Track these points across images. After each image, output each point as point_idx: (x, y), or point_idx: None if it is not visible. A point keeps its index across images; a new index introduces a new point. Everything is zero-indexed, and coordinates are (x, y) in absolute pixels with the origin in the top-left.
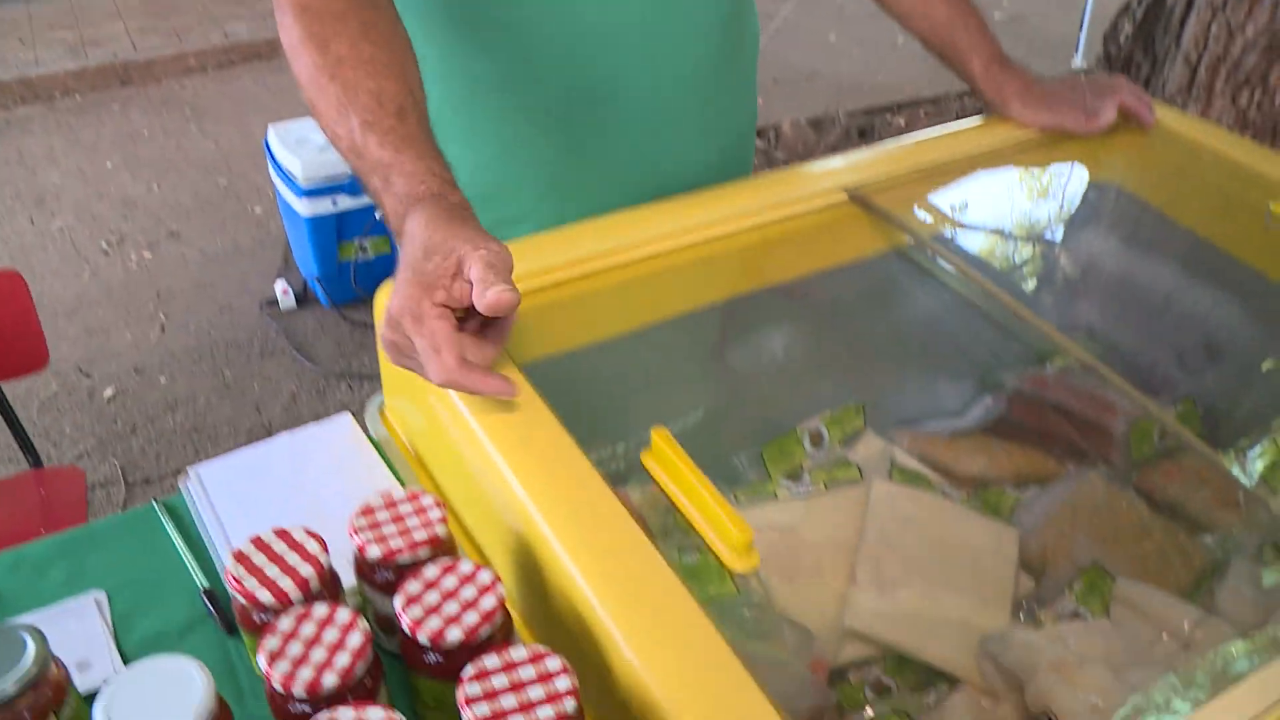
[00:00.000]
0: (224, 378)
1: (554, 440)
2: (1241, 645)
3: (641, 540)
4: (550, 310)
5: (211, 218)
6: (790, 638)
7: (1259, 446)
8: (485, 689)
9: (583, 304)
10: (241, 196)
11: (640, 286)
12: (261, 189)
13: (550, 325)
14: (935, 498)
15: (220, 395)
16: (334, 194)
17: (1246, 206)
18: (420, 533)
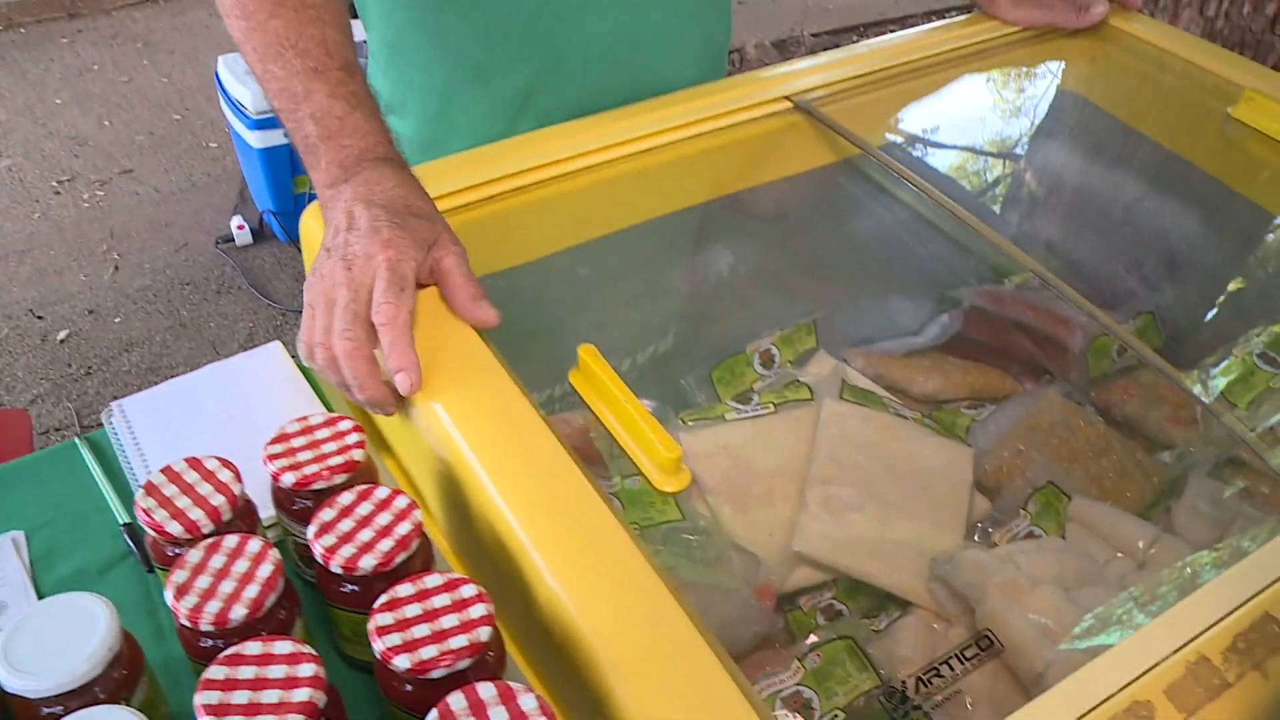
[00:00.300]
0: (180, 317)
1: (479, 363)
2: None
3: (568, 466)
4: (482, 228)
5: (165, 154)
6: (737, 564)
7: (1220, 362)
8: (397, 618)
9: (518, 220)
10: (196, 132)
11: (576, 202)
12: (216, 123)
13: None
14: (887, 417)
15: (176, 335)
16: None
17: (1208, 114)
18: (336, 458)
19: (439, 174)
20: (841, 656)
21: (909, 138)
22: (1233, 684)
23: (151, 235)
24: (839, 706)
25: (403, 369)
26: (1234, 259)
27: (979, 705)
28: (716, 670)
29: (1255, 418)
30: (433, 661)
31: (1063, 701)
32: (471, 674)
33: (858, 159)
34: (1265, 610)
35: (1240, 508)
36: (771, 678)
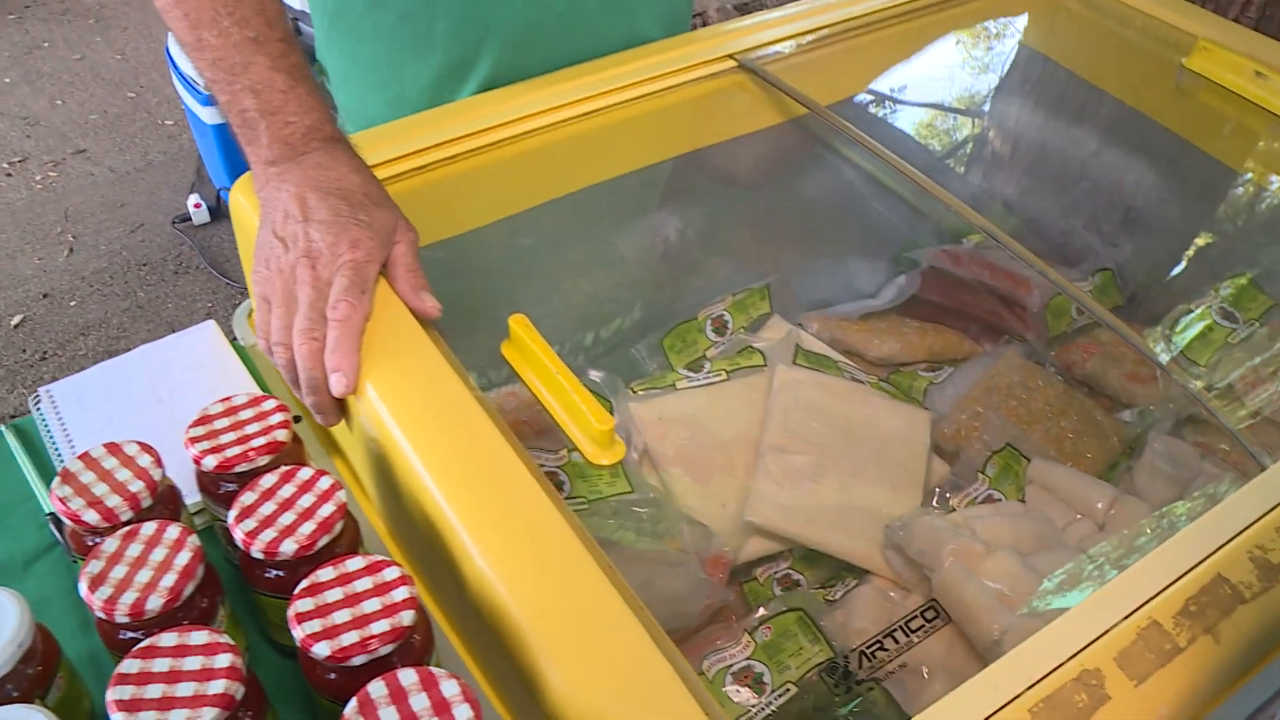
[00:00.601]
0: (137, 299)
1: (409, 340)
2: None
3: (499, 443)
4: (421, 196)
5: (120, 133)
6: (688, 536)
7: (1181, 319)
8: (318, 604)
9: (457, 188)
10: (151, 109)
11: (516, 168)
12: (172, 101)
13: (424, 212)
14: (842, 382)
15: (134, 317)
16: None
17: (1162, 66)
18: (260, 439)
19: (376, 141)
20: (793, 629)
21: (860, 96)
22: (1184, 649)
23: (107, 216)
24: (791, 680)
25: (339, 369)
26: (1193, 214)
27: (934, 674)
28: (648, 648)
29: (1215, 374)
30: (354, 648)
31: (1010, 672)
32: (397, 658)
33: (807, 119)
34: (1217, 571)
35: (1201, 466)
36: (722, 652)
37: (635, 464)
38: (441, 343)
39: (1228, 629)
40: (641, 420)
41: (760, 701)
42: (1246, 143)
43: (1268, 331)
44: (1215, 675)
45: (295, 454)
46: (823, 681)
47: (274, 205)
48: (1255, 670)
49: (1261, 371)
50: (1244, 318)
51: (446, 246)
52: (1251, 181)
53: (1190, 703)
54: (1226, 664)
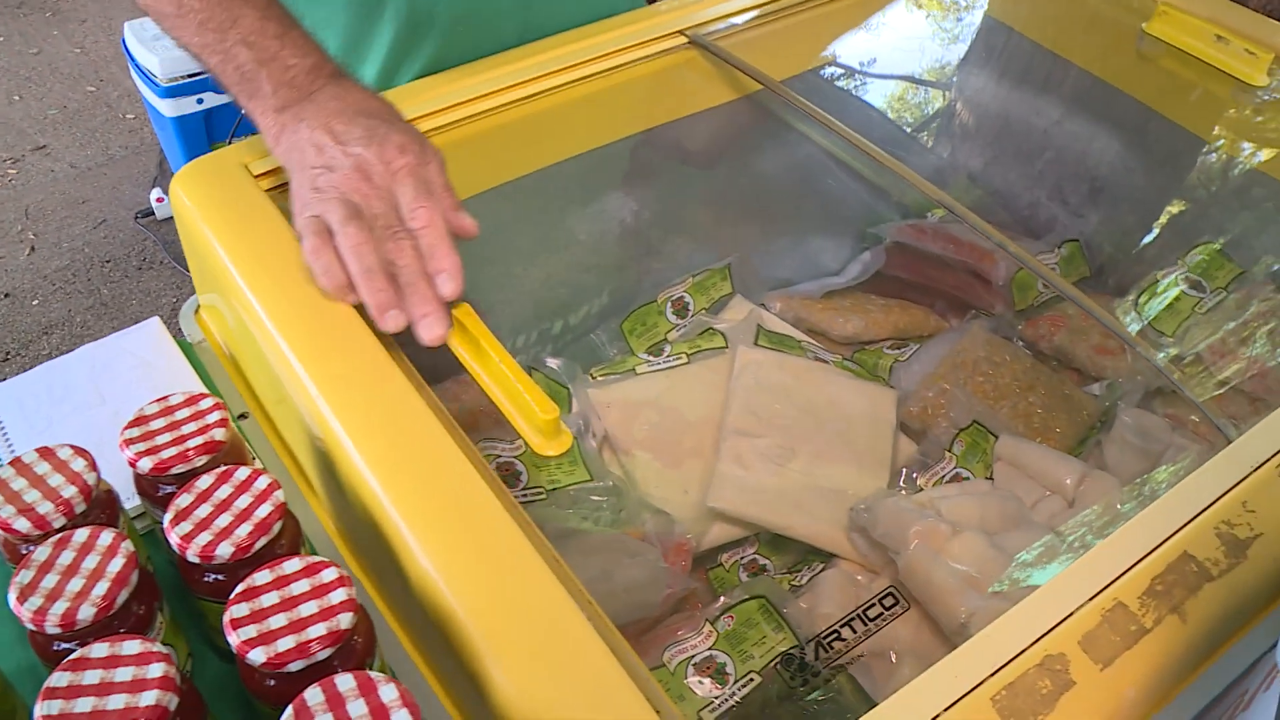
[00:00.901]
0: (101, 296)
1: (353, 331)
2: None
3: (441, 437)
4: None
5: (80, 128)
6: (650, 523)
7: (1148, 289)
8: (253, 608)
9: None
10: (112, 103)
11: (467, 151)
12: (133, 94)
13: None
14: (805, 362)
15: (97, 315)
16: (199, 91)
17: (1123, 31)
18: (196, 439)
19: None
20: (755, 617)
21: (817, 70)
22: (1150, 629)
23: (68, 213)
24: (755, 669)
25: (445, 270)
26: (1159, 182)
27: (902, 659)
28: (596, 646)
29: (1183, 344)
30: (290, 653)
31: (971, 659)
32: (338, 661)
33: (762, 95)
34: (1184, 549)
35: (1171, 438)
36: (683, 643)
37: (594, 451)
38: (387, 335)
39: (1195, 608)
40: (601, 406)
41: (723, 692)
42: (1210, 108)
43: (1235, 300)
44: (1183, 656)
45: (235, 453)
46: (780, 674)
47: (299, 147)
48: (1223, 649)
49: (1229, 341)
50: (1212, 286)
51: None
52: (1216, 148)
53: (1158, 685)
54: (1194, 644)
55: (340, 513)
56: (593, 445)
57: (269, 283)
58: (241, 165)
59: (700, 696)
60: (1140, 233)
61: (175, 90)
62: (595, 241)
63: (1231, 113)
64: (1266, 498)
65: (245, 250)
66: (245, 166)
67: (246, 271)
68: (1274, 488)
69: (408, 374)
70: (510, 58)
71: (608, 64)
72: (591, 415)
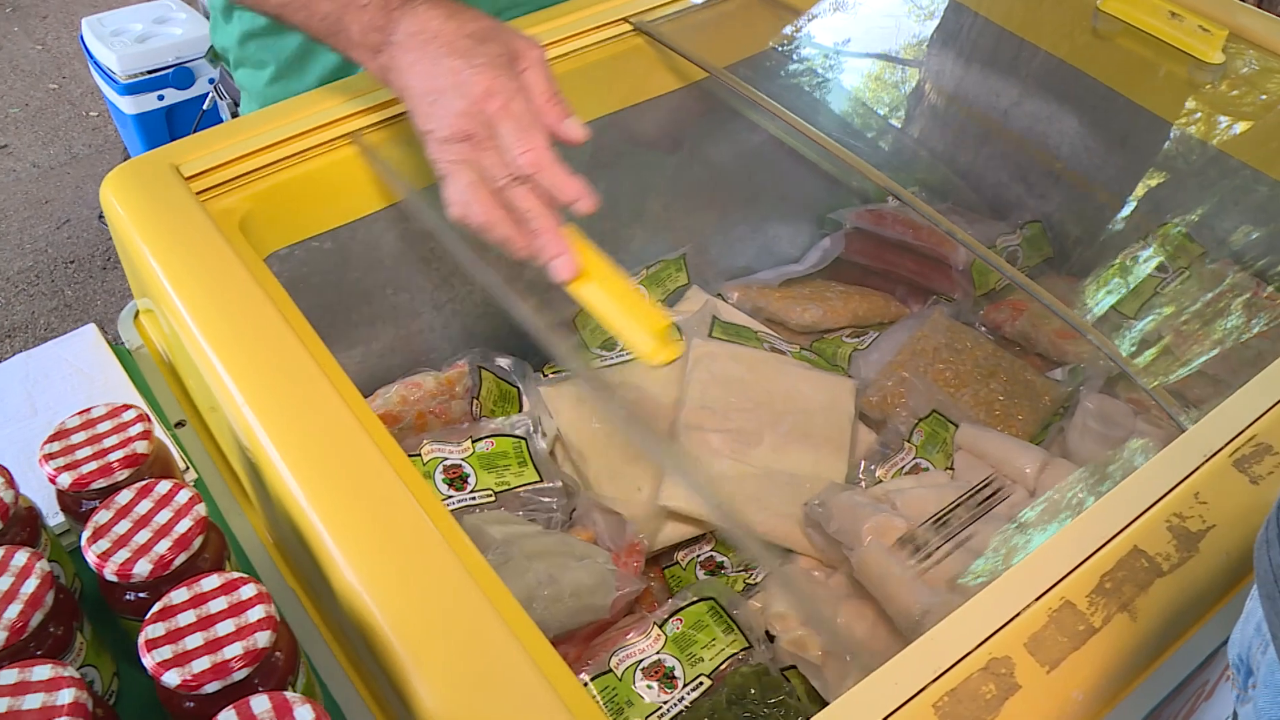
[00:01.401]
0: (65, 297)
1: (280, 341)
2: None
3: (370, 451)
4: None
5: (43, 127)
6: (601, 524)
7: (1110, 271)
8: (169, 628)
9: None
10: (75, 101)
11: (407, 145)
12: (96, 92)
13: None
14: (761, 353)
15: (61, 316)
16: (159, 88)
17: (1079, 8)
18: (117, 453)
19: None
20: (705, 619)
21: (768, 54)
22: (1099, 629)
23: (31, 213)
24: (705, 673)
25: (575, 197)
26: (1120, 162)
27: (858, 658)
28: (520, 659)
29: (1145, 326)
30: (206, 675)
31: (913, 665)
32: (258, 679)
33: (708, 83)
34: (1134, 544)
35: (1134, 424)
36: (630, 648)
37: (544, 452)
38: (319, 344)
39: (1145, 605)
40: (553, 404)
41: (671, 697)
42: (1166, 86)
43: (1197, 281)
44: (1132, 655)
45: (161, 465)
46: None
47: (405, 96)
48: (1175, 646)
49: (1191, 322)
50: (1174, 267)
51: (335, 236)
52: (1174, 127)
53: (1106, 686)
54: (1144, 642)
55: (272, 524)
56: (543, 445)
57: (198, 290)
58: (173, 167)
59: (648, 702)
60: (1102, 212)
61: (135, 87)
62: None
63: (1188, 91)
64: (1219, 488)
65: (174, 257)
66: (176, 169)
67: (175, 278)
68: (1227, 478)
69: (338, 385)
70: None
71: (550, 53)
72: (543, 413)
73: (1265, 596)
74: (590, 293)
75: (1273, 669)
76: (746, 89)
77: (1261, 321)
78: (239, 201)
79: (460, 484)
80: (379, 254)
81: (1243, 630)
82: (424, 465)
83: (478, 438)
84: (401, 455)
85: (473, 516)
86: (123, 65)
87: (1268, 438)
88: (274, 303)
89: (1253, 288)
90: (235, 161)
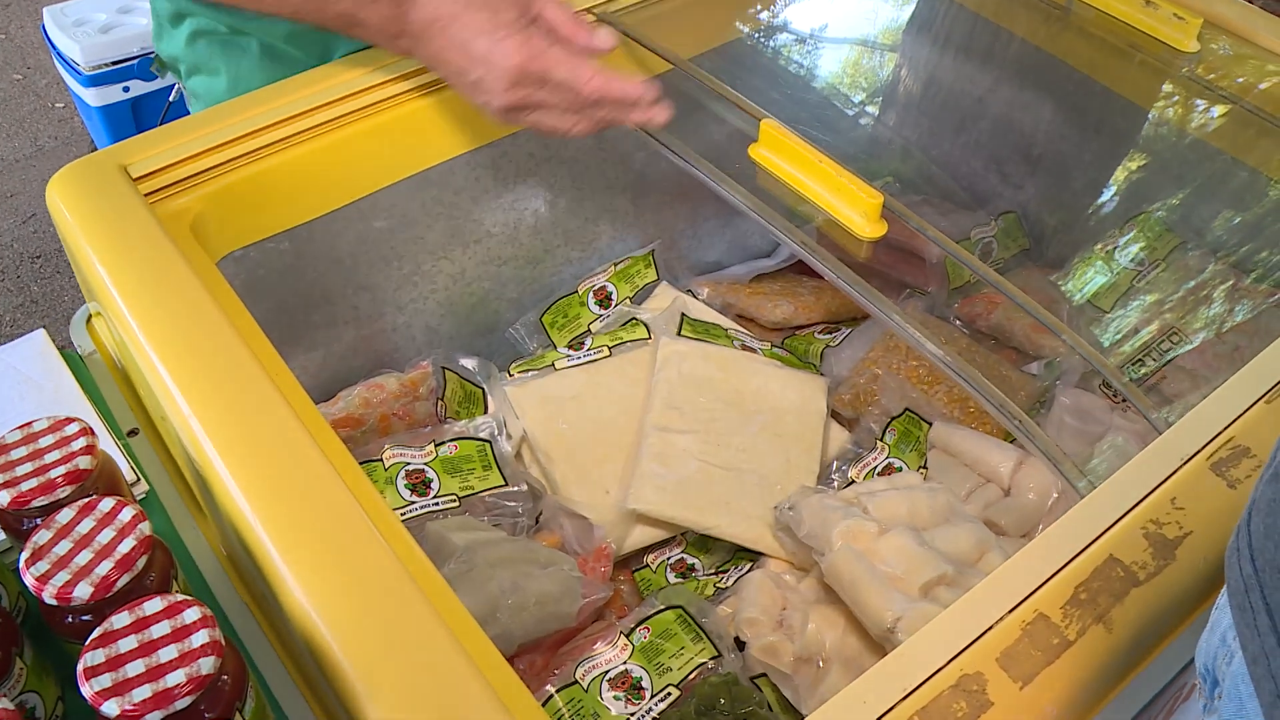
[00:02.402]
0: (31, 293)
1: (228, 351)
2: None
3: (320, 464)
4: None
5: (7, 119)
6: (568, 529)
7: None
8: (109, 655)
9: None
10: (40, 92)
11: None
12: (62, 83)
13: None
14: (731, 352)
15: (28, 313)
16: (124, 79)
17: None
18: (59, 469)
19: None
20: (673, 628)
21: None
22: (1074, 642)
23: None
24: (673, 682)
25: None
26: (1095, 151)
27: (830, 664)
28: (474, 682)
29: (1121, 320)
30: (146, 704)
31: (881, 683)
32: (204, 705)
33: (673, 75)
34: (1109, 553)
35: (1111, 419)
36: (597, 657)
37: (509, 454)
38: (270, 350)
39: (1121, 615)
40: (519, 405)
41: (639, 708)
42: (1142, 75)
43: (1175, 272)
44: (1107, 667)
45: (106, 480)
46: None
47: (443, 59)
48: (1151, 656)
49: (1168, 316)
50: (1150, 258)
51: (292, 236)
52: (1150, 116)
53: (1081, 700)
54: (1120, 654)
55: (225, 540)
56: (508, 448)
57: (144, 297)
58: (121, 168)
59: (615, 714)
60: (1079, 202)
61: (99, 79)
62: (509, 232)
63: (1163, 79)
64: (1196, 493)
65: (120, 262)
66: (125, 169)
67: (121, 285)
68: (1204, 482)
69: (288, 395)
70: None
71: None
72: (508, 414)
73: (1236, 607)
74: (800, 181)
75: (1237, 681)
76: (712, 81)
77: (1241, 312)
78: (190, 202)
79: (423, 489)
80: (338, 253)
81: (1208, 640)
82: (386, 470)
83: (440, 441)
84: (355, 467)
85: (436, 523)
86: (86, 56)
87: (1245, 440)
88: (223, 309)
89: (1232, 278)
90: (186, 161)
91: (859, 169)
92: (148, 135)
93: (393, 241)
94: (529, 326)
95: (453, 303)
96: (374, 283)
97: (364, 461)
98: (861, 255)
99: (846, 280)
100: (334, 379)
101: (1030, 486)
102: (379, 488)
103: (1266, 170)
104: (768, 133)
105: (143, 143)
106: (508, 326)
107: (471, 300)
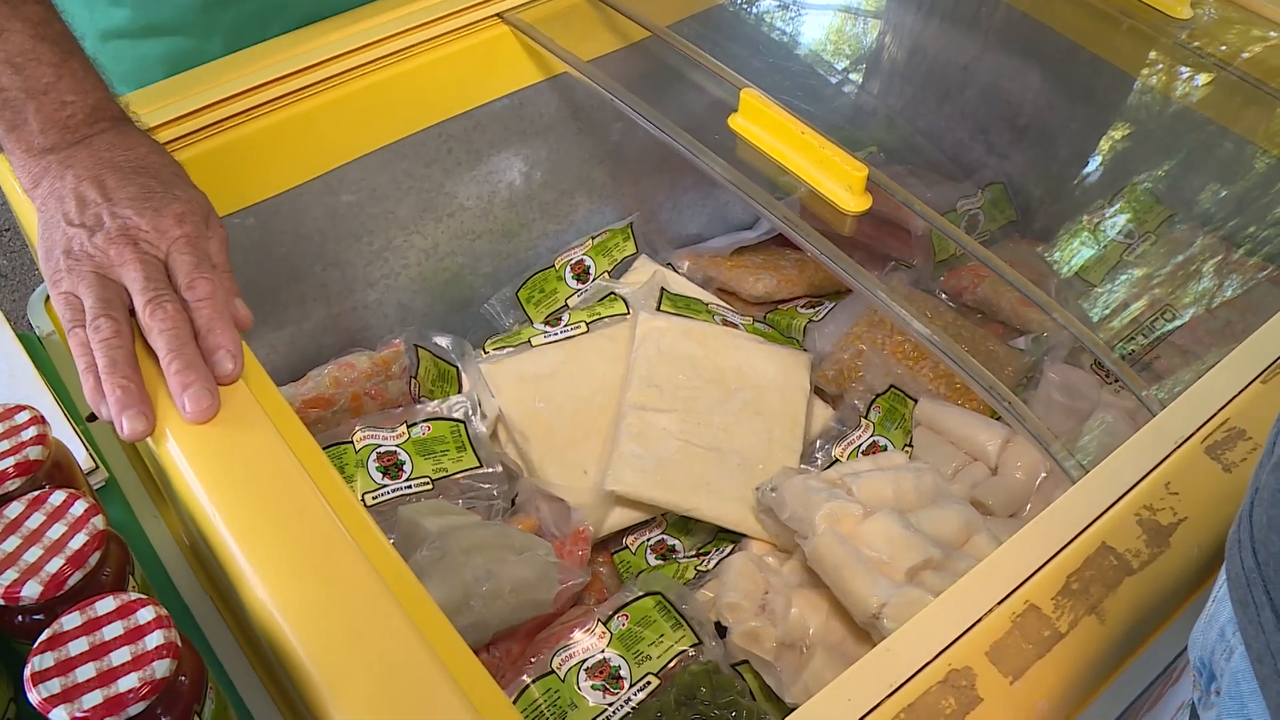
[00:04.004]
0: (0, 267)
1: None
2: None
3: (283, 454)
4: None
5: None
6: (545, 511)
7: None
8: (59, 659)
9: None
10: None
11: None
12: None
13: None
14: (711, 327)
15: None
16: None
17: None
18: (8, 460)
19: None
20: (652, 615)
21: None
22: (1065, 634)
23: None
24: (652, 671)
25: (223, 346)
26: (1084, 120)
27: (813, 649)
28: (440, 680)
29: (1110, 294)
30: (98, 710)
31: (867, 679)
32: (161, 709)
33: (651, 42)
34: (1102, 541)
35: (1100, 395)
36: (574, 646)
37: (484, 435)
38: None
39: (1114, 605)
40: (495, 383)
41: (618, 698)
42: (1134, 43)
43: (1165, 245)
44: (1099, 659)
45: (60, 471)
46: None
47: (60, 196)
48: (1144, 646)
49: (1159, 290)
50: (1140, 230)
51: (257, 211)
52: (1142, 85)
53: (1072, 693)
54: (1113, 645)
55: (187, 529)
56: (483, 429)
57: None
58: None
59: (593, 705)
60: (1067, 172)
61: None
62: (483, 206)
63: (1156, 47)
64: (1190, 477)
65: None
66: None
67: None
68: (1198, 465)
69: (248, 377)
70: (364, 14)
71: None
72: (483, 393)
73: (1237, 601)
74: (783, 153)
75: (1237, 678)
76: (690, 48)
77: (1231, 287)
78: None
79: (395, 472)
80: (305, 229)
81: (1205, 633)
82: (357, 453)
83: (413, 422)
84: (319, 454)
85: (408, 508)
86: None
87: (1241, 422)
88: None
89: (1222, 251)
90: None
91: (843, 139)
92: None
93: (362, 216)
94: (504, 302)
95: (425, 279)
96: (344, 259)
97: (334, 444)
98: (845, 229)
99: (829, 255)
100: (304, 358)
101: (1018, 465)
102: (349, 471)
103: (1260, 141)
104: (748, 102)
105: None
106: (483, 302)
107: (445, 276)
